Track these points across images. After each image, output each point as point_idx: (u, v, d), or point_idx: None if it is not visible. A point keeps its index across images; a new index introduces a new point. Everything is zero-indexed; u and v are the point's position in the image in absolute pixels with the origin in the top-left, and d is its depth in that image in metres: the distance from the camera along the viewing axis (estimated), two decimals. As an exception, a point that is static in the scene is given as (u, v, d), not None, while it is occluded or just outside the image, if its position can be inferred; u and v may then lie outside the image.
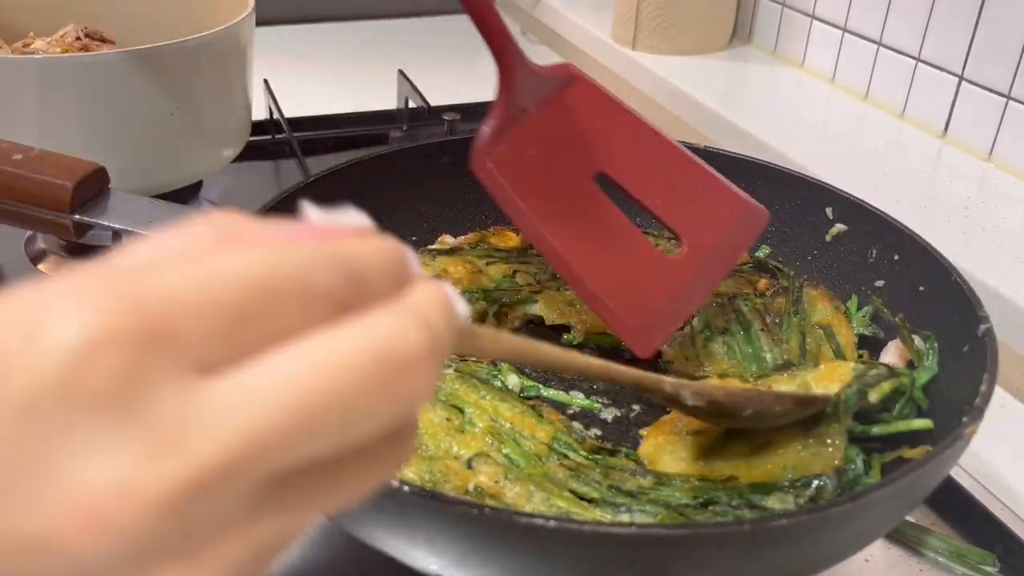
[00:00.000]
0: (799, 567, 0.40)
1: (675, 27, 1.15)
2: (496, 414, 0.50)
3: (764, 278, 0.64)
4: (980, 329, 0.49)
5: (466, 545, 0.36)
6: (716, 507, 0.45)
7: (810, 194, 0.65)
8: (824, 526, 0.37)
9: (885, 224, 0.60)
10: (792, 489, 0.45)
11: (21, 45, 0.80)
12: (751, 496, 0.45)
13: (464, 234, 0.68)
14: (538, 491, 0.44)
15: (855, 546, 0.42)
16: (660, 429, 0.51)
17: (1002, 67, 0.87)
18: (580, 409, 0.55)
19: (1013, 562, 0.51)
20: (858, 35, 1.04)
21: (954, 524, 0.54)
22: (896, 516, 0.41)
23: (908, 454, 0.48)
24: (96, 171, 0.59)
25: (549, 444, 0.49)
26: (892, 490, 0.38)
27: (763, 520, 0.36)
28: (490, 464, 0.46)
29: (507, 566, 0.37)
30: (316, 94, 1.09)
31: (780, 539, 0.36)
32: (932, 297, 0.55)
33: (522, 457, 0.47)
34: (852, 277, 0.62)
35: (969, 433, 0.41)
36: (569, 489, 0.45)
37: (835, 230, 0.64)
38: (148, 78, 0.70)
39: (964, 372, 0.49)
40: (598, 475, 0.47)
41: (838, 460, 0.46)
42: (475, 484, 0.44)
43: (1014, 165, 0.88)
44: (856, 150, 0.93)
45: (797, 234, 0.66)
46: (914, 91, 0.98)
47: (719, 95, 1.04)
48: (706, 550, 0.36)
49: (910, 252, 0.58)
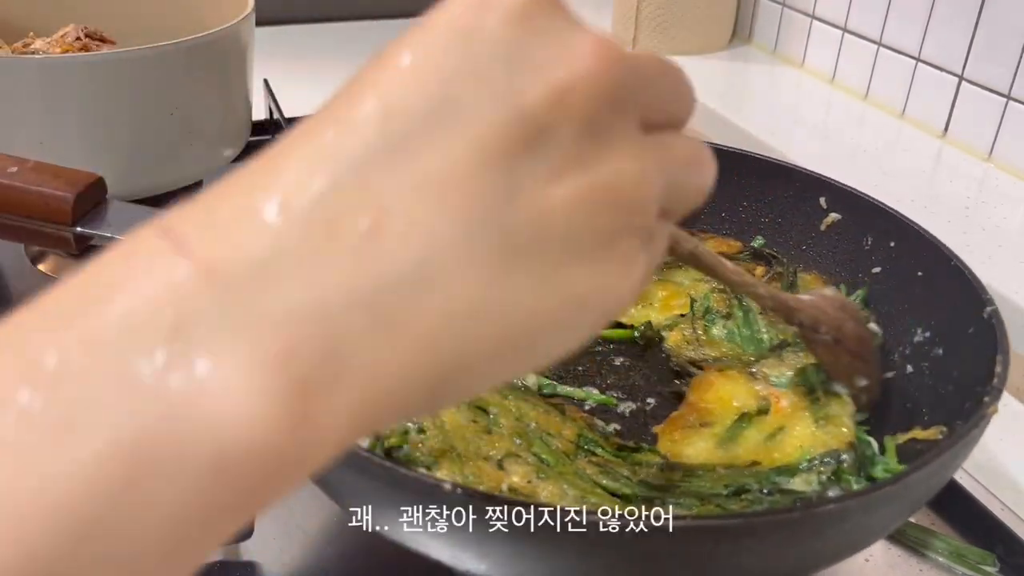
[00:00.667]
0: (839, 550, 0.40)
1: (675, 27, 1.15)
2: (521, 414, 0.50)
3: (760, 265, 0.65)
4: (986, 311, 0.49)
5: (515, 545, 0.36)
6: (748, 495, 0.45)
7: (803, 184, 0.65)
8: (867, 508, 0.37)
9: (879, 211, 0.60)
10: (813, 468, 0.46)
11: (21, 45, 0.80)
12: (777, 479, 0.46)
13: None
14: (571, 489, 0.44)
15: (889, 527, 0.43)
16: (673, 424, 0.51)
17: (1002, 67, 0.87)
18: (597, 404, 0.55)
19: (1013, 562, 0.50)
20: (858, 35, 1.04)
21: (954, 524, 0.54)
22: (926, 496, 0.42)
23: (921, 435, 0.48)
24: (95, 181, 0.58)
25: (576, 442, 0.49)
26: (927, 472, 0.38)
27: (811, 505, 0.36)
28: (521, 464, 0.45)
29: (555, 563, 0.37)
30: (316, 94, 1.09)
31: (826, 524, 0.36)
32: (932, 282, 0.56)
33: (551, 456, 0.47)
34: (848, 265, 0.63)
35: (992, 412, 0.42)
36: (600, 486, 0.46)
37: (829, 219, 0.64)
38: (148, 78, 0.70)
39: (971, 354, 0.49)
40: (627, 471, 0.47)
41: (851, 437, 0.48)
42: (508, 485, 0.44)
43: (1014, 165, 0.88)
44: (856, 150, 0.93)
45: (791, 224, 0.66)
46: (914, 91, 0.98)
47: (719, 95, 1.04)
48: (753, 538, 0.36)
49: (906, 239, 0.58)
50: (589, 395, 0.56)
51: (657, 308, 0.62)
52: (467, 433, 0.48)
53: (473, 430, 0.48)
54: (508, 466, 0.46)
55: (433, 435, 0.46)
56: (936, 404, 0.51)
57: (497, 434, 0.48)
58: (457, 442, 0.47)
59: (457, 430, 0.48)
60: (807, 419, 0.50)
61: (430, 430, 0.46)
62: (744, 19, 1.21)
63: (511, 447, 0.47)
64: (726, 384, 0.53)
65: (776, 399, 0.51)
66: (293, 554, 0.51)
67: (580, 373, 0.58)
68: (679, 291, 0.63)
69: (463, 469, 0.45)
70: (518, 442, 0.47)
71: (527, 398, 0.52)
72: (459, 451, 0.47)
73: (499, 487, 0.44)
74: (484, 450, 0.47)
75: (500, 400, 0.51)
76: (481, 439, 0.48)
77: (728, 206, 0.69)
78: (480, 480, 0.44)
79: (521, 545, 0.36)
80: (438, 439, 0.46)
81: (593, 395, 0.56)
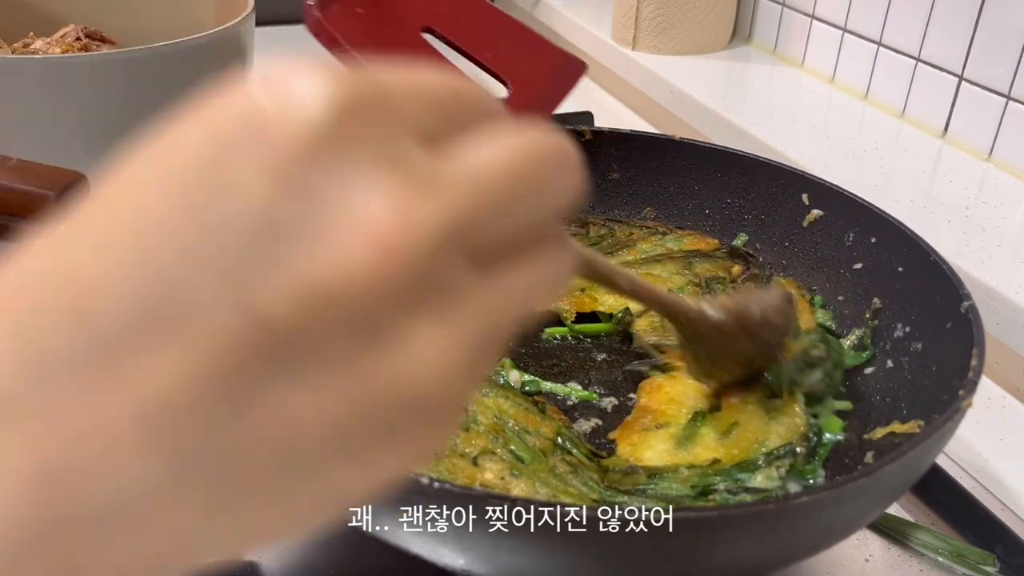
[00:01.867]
0: (818, 540, 0.41)
1: (675, 27, 1.15)
2: (500, 411, 0.50)
3: (738, 264, 0.66)
4: (963, 306, 0.49)
5: (495, 539, 0.36)
6: (715, 495, 0.45)
7: (785, 181, 0.66)
8: (841, 499, 0.37)
9: (860, 208, 0.61)
10: (770, 463, 0.47)
11: (21, 45, 0.80)
12: (740, 476, 0.46)
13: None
14: (543, 487, 0.44)
15: (867, 517, 0.44)
16: (629, 428, 0.52)
17: (1002, 67, 0.87)
18: (579, 400, 0.56)
19: (1013, 562, 0.50)
20: (858, 35, 1.04)
21: (954, 524, 0.54)
22: (903, 487, 0.43)
23: (900, 429, 0.49)
24: (78, 179, 0.59)
25: (553, 440, 0.49)
26: (900, 464, 0.39)
27: (788, 498, 0.37)
28: (495, 461, 0.46)
29: (535, 558, 0.37)
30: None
31: (801, 515, 0.37)
32: (911, 278, 0.56)
33: (528, 453, 0.47)
34: (830, 261, 0.63)
35: (966, 406, 0.42)
36: (571, 486, 0.46)
37: (811, 216, 0.64)
38: (148, 78, 0.70)
39: (949, 348, 0.49)
40: (596, 476, 0.47)
41: (803, 427, 0.49)
42: (480, 482, 0.44)
43: (1014, 165, 0.88)
44: (856, 150, 0.93)
45: (774, 221, 0.66)
46: (914, 91, 0.98)
47: (719, 95, 1.04)
48: (731, 531, 0.36)
49: (886, 235, 0.59)
50: (572, 390, 0.56)
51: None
52: None
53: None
54: (483, 463, 0.46)
55: None
56: (915, 398, 0.51)
57: (474, 431, 0.48)
58: None
59: None
60: (759, 411, 0.50)
61: None
62: (744, 19, 1.21)
63: (487, 444, 0.47)
64: (675, 385, 0.54)
65: (726, 395, 0.52)
66: (293, 554, 0.51)
67: (562, 369, 0.59)
68: (656, 282, 0.63)
69: (439, 466, 0.45)
70: (495, 439, 0.48)
71: (508, 395, 0.52)
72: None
73: (473, 483, 0.44)
74: (460, 447, 0.47)
75: (480, 397, 0.51)
76: (458, 436, 0.48)
77: (711, 203, 0.69)
78: (455, 477, 0.45)
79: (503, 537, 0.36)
80: None
81: (576, 391, 0.56)
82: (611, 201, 0.70)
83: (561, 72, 0.65)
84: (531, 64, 0.64)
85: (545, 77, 0.64)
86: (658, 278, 0.64)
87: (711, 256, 0.66)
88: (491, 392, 0.52)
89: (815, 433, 0.49)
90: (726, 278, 0.64)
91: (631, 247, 0.67)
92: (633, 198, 0.71)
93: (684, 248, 0.67)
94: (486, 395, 0.51)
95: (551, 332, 0.62)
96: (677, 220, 0.70)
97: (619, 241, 0.68)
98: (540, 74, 0.64)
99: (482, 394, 0.51)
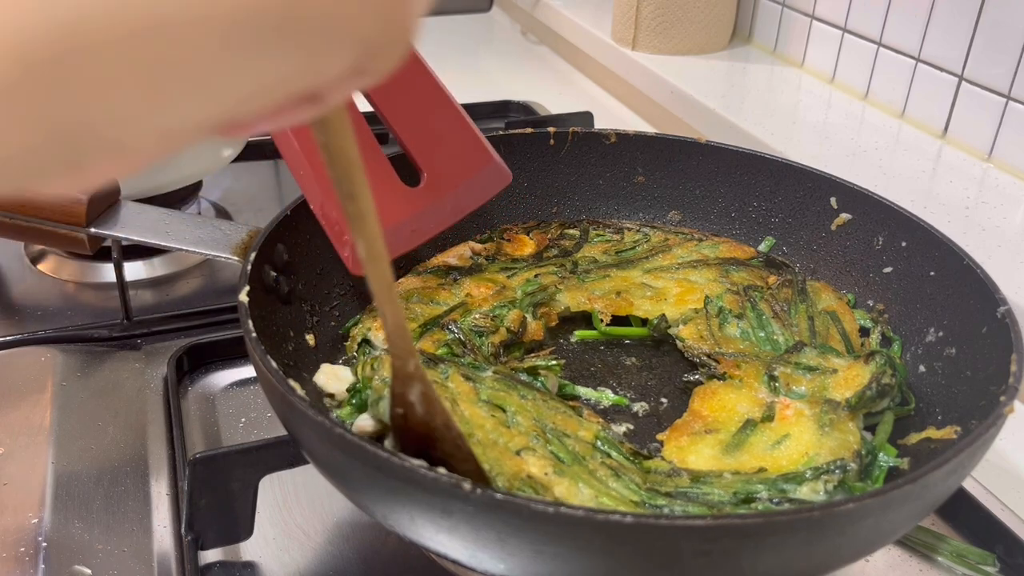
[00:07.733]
0: (859, 549, 0.40)
1: (675, 27, 1.15)
2: (539, 415, 0.50)
3: (773, 275, 0.65)
4: (1000, 311, 0.49)
5: (540, 544, 0.36)
6: (757, 503, 0.45)
7: (813, 185, 0.65)
8: (886, 507, 0.37)
9: (889, 211, 0.60)
10: (817, 476, 0.46)
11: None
12: (784, 487, 0.46)
13: (480, 236, 0.69)
14: (586, 487, 0.44)
15: (908, 525, 0.43)
16: (679, 431, 0.52)
17: (1002, 67, 0.87)
18: (611, 404, 0.56)
19: (1013, 562, 0.51)
20: (858, 35, 1.04)
21: (954, 524, 0.54)
22: (944, 494, 0.42)
23: (936, 435, 0.49)
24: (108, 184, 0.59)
25: (593, 443, 0.49)
26: (945, 471, 0.38)
27: (832, 504, 0.36)
28: (538, 456, 0.46)
29: (581, 562, 0.36)
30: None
31: (846, 522, 0.36)
32: (944, 282, 0.56)
33: (567, 454, 0.47)
34: (859, 264, 0.63)
35: (1008, 411, 0.42)
36: (613, 488, 0.46)
37: (840, 219, 0.64)
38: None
39: (985, 353, 0.49)
40: (637, 478, 0.47)
41: (856, 445, 0.48)
42: (528, 474, 0.44)
43: (1014, 165, 0.88)
44: (856, 150, 0.93)
45: (802, 225, 0.66)
46: (914, 91, 0.98)
47: (719, 95, 1.04)
48: (777, 537, 0.36)
49: (917, 238, 0.58)
50: (603, 395, 0.56)
51: (672, 303, 0.63)
52: (487, 424, 0.48)
53: (492, 423, 0.48)
54: (525, 456, 0.46)
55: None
56: (949, 404, 0.51)
57: (515, 429, 0.48)
58: (476, 431, 0.48)
59: (476, 419, 0.48)
60: (812, 426, 0.50)
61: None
62: (744, 19, 1.21)
63: (528, 443, 0.47)
64: (729, 392, 0.54)
65: (783, 406, 0.52)
66: (293, 554, 0.51)
67: (593, 373, 0.59)
68: (693, 288, 0.63)
69: (486, 453, 0.45)
70: (535, 439, 0.48)
71: (546, 401, 0.52)
72: (479, 438, 0.47)
73: (519, 475, 0.44)
74: (503, 441, 0.47)
75: (518, 400, 0.51)
76: (500, 432, 0.48)
77: (738, 206, 0.69)
78: (501, 466, 0.44)
79: (548, 541, 0.35)
80: (460, 425, 0.45)
81: (607, 396, 0.56)
82: (636, 204, 0.70)
83: (484, 179, 0.61)
84: (455, 161, 0.60)
85: (466, 178, 0.60)
86: (695, 284, 0.64)
87: (747, 264, 0.66)
88: (528, 395, 0.52)
89: (868, 451, 0.49)
90: (763, 287, 0.64)
91: (666, 252, 0.67)
92: (658, 201, 0.70)
93: (720, 255, 0.67)
94: (524, 398, 0.51)
95: (581, 335, 0.62)
96: (703, 223, 0.70)
97: (654, 247, 0.68)
98: (460, 173, 0.60)
99: (520, 396, 0.51)
